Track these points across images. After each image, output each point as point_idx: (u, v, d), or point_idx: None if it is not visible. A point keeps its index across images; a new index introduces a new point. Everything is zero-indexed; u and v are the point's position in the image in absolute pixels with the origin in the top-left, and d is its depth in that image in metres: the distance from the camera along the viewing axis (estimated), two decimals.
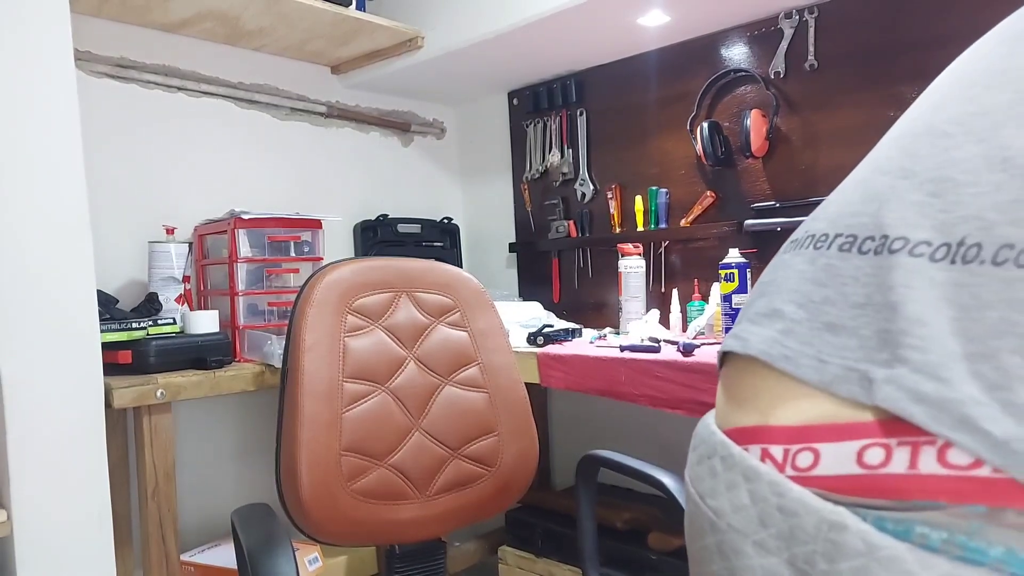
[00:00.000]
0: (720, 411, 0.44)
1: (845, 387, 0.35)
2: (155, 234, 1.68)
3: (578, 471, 1.18)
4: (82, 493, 1.16)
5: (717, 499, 0.39)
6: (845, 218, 0.40)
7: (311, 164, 2.05)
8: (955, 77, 0.41)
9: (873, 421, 0.34)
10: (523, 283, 2.32)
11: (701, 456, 0.43)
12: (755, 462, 0.38)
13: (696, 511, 0.41)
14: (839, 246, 0.39)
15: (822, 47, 1.66)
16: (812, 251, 0.41)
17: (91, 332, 1.18)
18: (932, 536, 0.31)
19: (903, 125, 0.42)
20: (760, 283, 0.45)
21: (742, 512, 0.37)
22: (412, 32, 1.87)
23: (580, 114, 2.12)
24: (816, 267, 0.40)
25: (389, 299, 1.29)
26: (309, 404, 1.15)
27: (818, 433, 0.36)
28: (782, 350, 0.39)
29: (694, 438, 0.45)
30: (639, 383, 1.38)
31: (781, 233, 1.72)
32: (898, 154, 0.40)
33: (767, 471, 0.37)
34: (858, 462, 0.34)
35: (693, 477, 0.43)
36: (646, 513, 1.77)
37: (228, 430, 1.82)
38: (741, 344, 0.42)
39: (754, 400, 0.40)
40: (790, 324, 0.39)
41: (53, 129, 1.14)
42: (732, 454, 0.39)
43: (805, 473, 0.36)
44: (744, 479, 0.38)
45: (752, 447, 0.39)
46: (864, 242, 0.38)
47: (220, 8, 1.64)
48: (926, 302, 0.34)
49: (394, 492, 1.20)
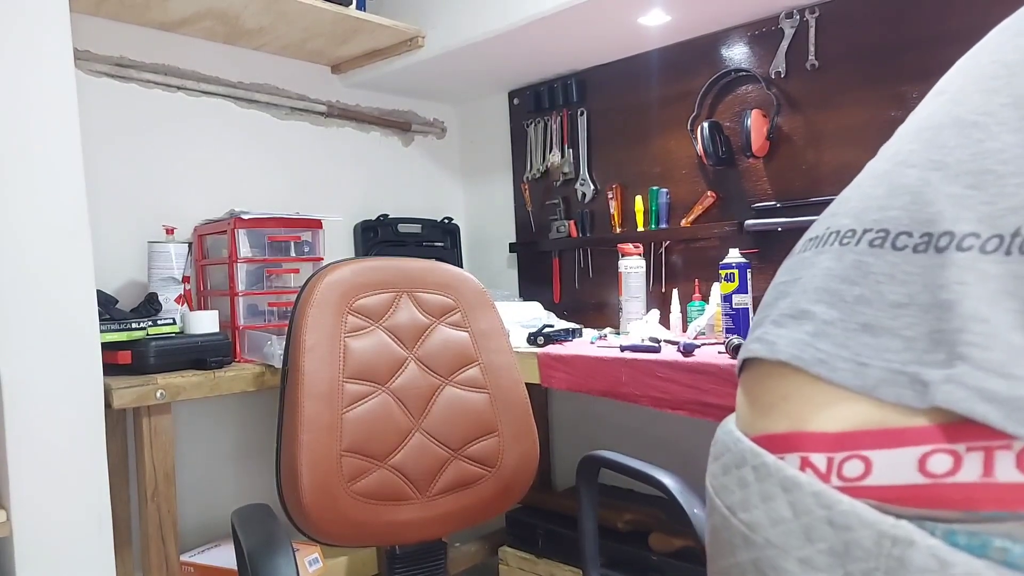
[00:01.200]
0: (744, 417, 0.41)
1: (892, 391, 0.33)
2: (155, 234, 1.68)
3: (579, 472, 1.18)
4: (82, 493, 1.16)
5: (750, 512, 0.36)
6: (872, 213, 0.38)
7: (311, 164, 2.05)
8: (971, 70, 0.40)
9: (932, 426, 0.31)
10: (523, 283, 2.31)
11: (727, 465, 0.40)
12: (793, 471, 0.35)
13: (724, 525, 0.39)
14: (869, 242, 0.37)
15: (823, 47, 1.65)
16: (838, 247, 0.39)
17: (91, 332, 1.18)
18: (1014, 551, 0.28)
19: (920, 119, 0.41)
20: (778, 283, 0.43)
21: (782, 526, 0.35)
22: (412, 31, 1.87)
23: (581, 114, 2.12)
24: (845, 264, 0.38)
25: (390, 299, 1.28)
26: (309, 405, 1.14)
27: (867, 439, 0.33)
28: (815, 353, 0.36)
29: (715, 445, 0.42)
30: (641, 384, 1.38)
31: (782, 233, 1.71)
32: (923, 147, 0.38)
33: (809, 481, 0.34)
34: (920, 470, 0.31)
35: (718, 488, 0.40)
36: (647, 514, 1.77)
37: (228, 431, 1.82)
38: (767, 348, 0.39)
39: (784, 405, 0.37)
40: (821, 325, 0.37)
41: (52, 129, 1.14)
42: (766, 463, 0.37)
43: (855, 483, 0.33)
44: (782, 490, 0.35)
45: (788, 455, 0.36)
46: (898, 237, 0.36)
47: (220, 7, 1.64)
48: (983, 297, 0.32)
49: (395, 493, 1.20)
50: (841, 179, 1.64)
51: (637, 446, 2.04)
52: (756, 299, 1.70)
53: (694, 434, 1.92)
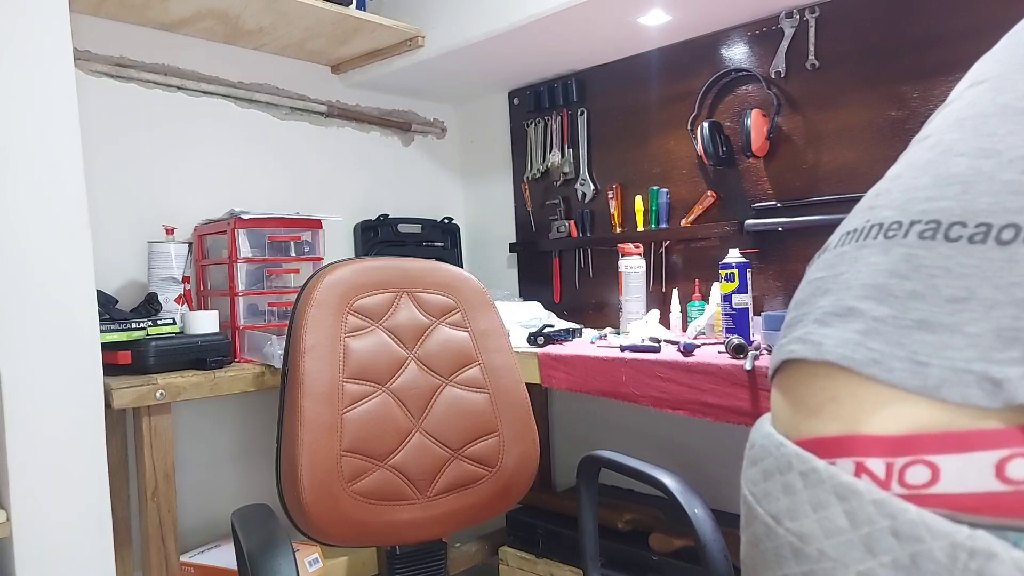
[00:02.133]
0: (785, 419, 0.38)
1: (957, 391, 0.30)
2: (155, 234, 1.68)
3: (579, 472, 1.18)
4: (82, 493, 1.16)
5: (799, 521, 0.34)
6: (918, 204, 0.36)
7: (311, 164, 2.05)
8: (1011, 59, 0.38)
9: (1008, 428, 0.29)
10: (523, 283, 2.31)
11: (767, 471, 0.37)
12: (849, 478, 0.33)
13: (768, 534, 0.36)
14: (919, 234, 0.35)
15: (823, 47, 1.65)
16: (883, 241, 0.36)
17: (91, 332, 1.18)
18: None
19: (959, 109, 0.39)
20: (814, 279, 0.40)
21: (838, 536, 0.32)
22: (413, 31, 1.87)
23: (581, 114, 2.12)
24: (893, 258, 0.35)
25: (390, 299, 1.28)
26: (310, 405, 1.14)
27: (931, 443, 0.31)
28: (867, 353, 0.34)
29: (752, 449, 0.40)
30: (641, 384, 1.38)
31: (782, 233, 1.71)
32: (968, 135, 0.36)
33: (868, 488, 0.32)
34: (998, 476, 0.29)
35: (759, 495, 0.37)
36: (647, 514, 1.76)
37: (228, 431, 1.82)
38: (814, 349, 0.36)
39: (834, 407, 0.35)
40: (872, 323, 0.35)
41: (52, 129, 1.14)
42: (816, 468, 0.34)
43: (921, 491, 0.31)
44: (837, 498, 0.32)
45: (841, 460, 0.33)
46: (951, 228, 0.34)
47: (220, 7, 1.64)
48: None
49: (395, 493, 1.20)
50: (841, 179, 1.64)
51: (637, 446, 2.04)
52: (756, 299, 1.70)
53: (694, 434, 1.92)
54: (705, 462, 1.90)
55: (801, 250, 1.70)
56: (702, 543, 0.96)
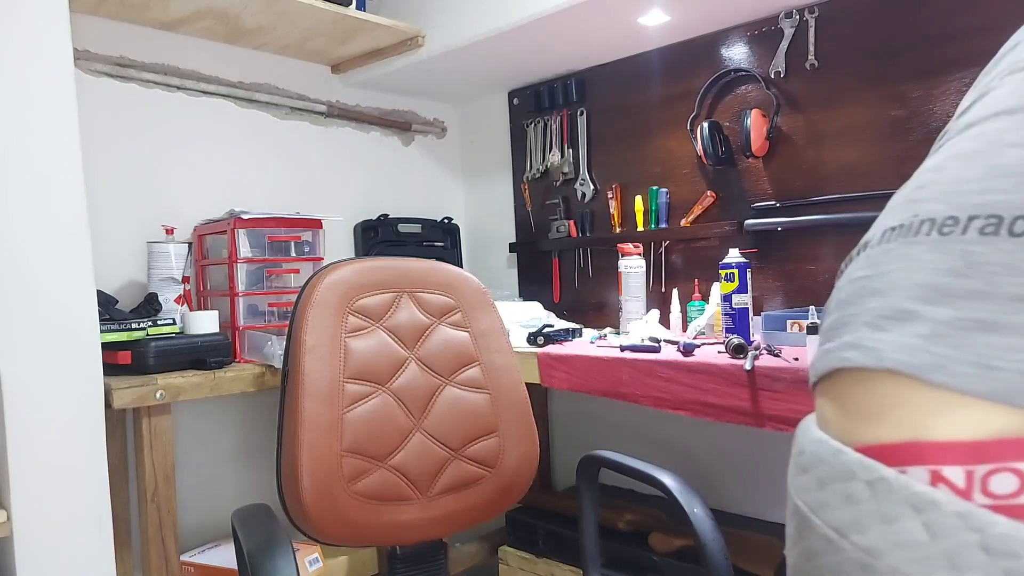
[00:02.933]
0: (837, 424, 0.36)
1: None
2: (154, 234, 1.68)
3: (579, 472, 1.18)
4: (82, 493, 1.16)
5: (866, 535, 0.31)
6: (972, 196, 0.34)
7: (311, 164, 2.05)
8: None
9: None
10: (523, 283, 2.32)
11: (822, 479, 0.34)
12: (924, 487, 0.30)
13: (828, 549, 0.33)
14: (979, 229, 0.33)
15: (822, 46, 1.65)
16: (937, 237, 0.34)
17: (91, 332, 1.18)
18: None
19: (1000, 98, 0.37)
20: (858, 279, 0.38)
21: (914, 551, 0.30)
22: (413, 31, 1.87)
23: (580, 114, 2.12)
24: (950, 256, 0.33)
25: (390, 299, 1.28)
26: (310, 405, 1.14)
27: (1015, 450, 0.29)
28: (931, 359, 0.32)
29: (801, 456, 0.37)
30: (642, 384, 1.38)
31: (782, 233, 1.71)
32: (1017, 124, 0.34)
33: (948, 499, 0.29)
34: None
35: (815, 505, 0.34)
36: (647, 514, 1.76)
37: (228, 431, 1.82)
38: (872, 356, 0.34)
39: (896, 411, 0.32)
40: (932, 326, 0.33)
41: (52, 128, 1.14)
42: (884, 477, 0.31)
43: (1009, 501, 0.28)
44: (912, 509, 0.30)
45: (912, 468, 0.31)
46: (1015, 223, 0.32)
47: (220, 6, 1.64)
48: None
49: (395, 493, 1.20)
50: (841, 179, 1.64)
51: (637, 446, 2.04)
52: (756, 299, 1.70)
53: (694, 434, 1.92)
54: (705, 462, 1.90)
55: (801, 250, 1.70)
56: (702, 543, 0.96)
